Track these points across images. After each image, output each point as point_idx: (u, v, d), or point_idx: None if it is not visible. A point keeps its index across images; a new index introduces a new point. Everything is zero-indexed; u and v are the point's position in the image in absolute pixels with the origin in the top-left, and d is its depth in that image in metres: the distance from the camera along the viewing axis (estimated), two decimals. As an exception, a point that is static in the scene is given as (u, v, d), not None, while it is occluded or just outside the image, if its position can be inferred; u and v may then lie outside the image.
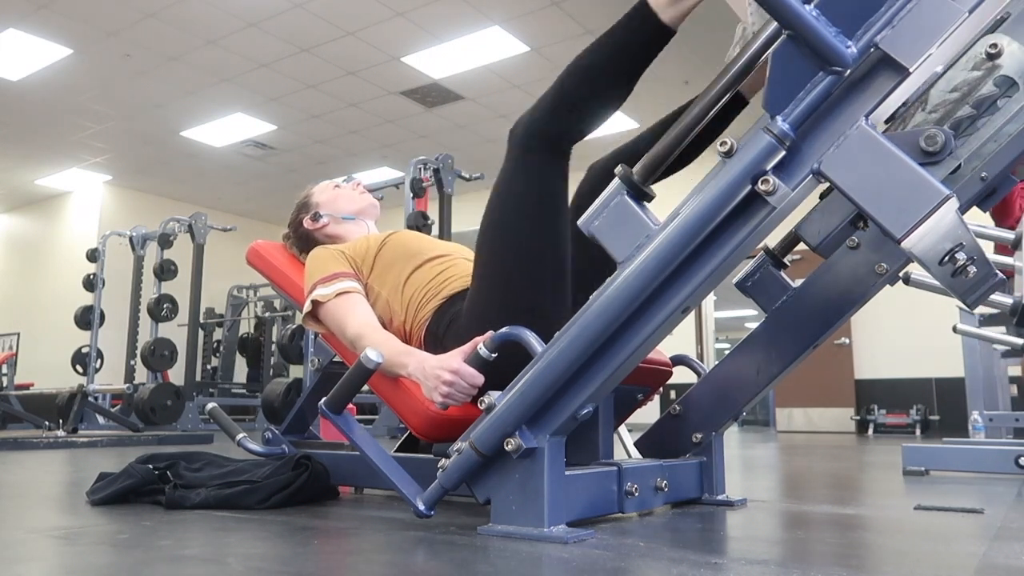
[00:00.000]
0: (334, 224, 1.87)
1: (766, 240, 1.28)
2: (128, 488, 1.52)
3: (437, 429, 1.47)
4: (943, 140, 1.05)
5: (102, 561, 0.99)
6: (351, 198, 1.91)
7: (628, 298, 1.08)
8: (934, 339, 5.93)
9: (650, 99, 7.06)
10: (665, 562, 0.98)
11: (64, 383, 6.72)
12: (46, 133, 8.05)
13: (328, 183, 1.96)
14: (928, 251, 0.91)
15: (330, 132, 8.02)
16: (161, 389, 6.14)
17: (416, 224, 5.21)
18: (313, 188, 1.95)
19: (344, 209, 1.89)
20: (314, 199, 1.90)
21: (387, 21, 5.79)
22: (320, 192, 1.92)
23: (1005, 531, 1.26)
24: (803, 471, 2.74)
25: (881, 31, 0.92)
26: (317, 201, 1.89)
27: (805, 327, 1.52)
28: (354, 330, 1.49)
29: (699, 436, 1.58)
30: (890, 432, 6.76)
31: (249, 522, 1.31)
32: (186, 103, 7.29)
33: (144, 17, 5.72)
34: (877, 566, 0.99)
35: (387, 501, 1.65)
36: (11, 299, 10.64)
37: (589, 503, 1.27)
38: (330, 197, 1.90)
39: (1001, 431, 3.80)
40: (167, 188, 9.88)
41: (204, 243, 6.99)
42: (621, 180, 1.10)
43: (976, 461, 2.34)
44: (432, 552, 1.07)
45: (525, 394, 1.14)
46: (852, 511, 1.53)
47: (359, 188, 1.96)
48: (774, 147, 0.97)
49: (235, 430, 1.72)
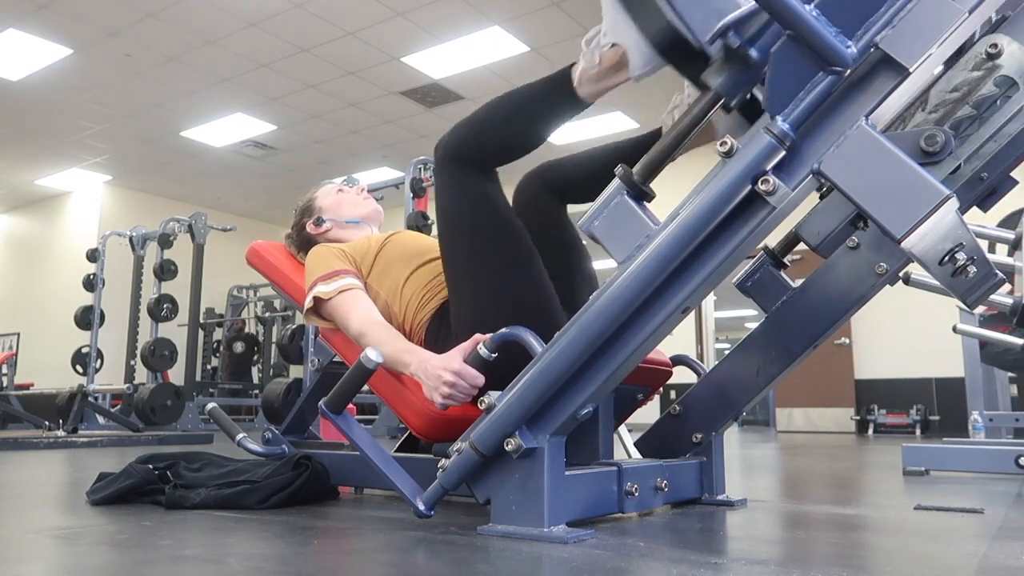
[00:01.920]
0: (337, 229, 1.86)
1: (766, 240, 1.28)
2: (128, 488, 1.52)
3: (437, 429, 1.47)
4: (943, 140, 1.05)
5: (102, 561, 0.99)
6: (355, 203, 1.90)
7: (628, 298, 1.08)
8: (934, 339, 5.93)
9: (650, 99, 7.07)
10: (665, 562, 0.98)
11: (64, 383, 6.72)
12: (46, 133, 8.05)
13: (332, 187, 1.95)
14: (928, 251, 0.91)
15: (330, 132, 8.02)
16: (161, 389, 6.14)
17: (416, 224, 5.21)
18: (316, 192, 1.94)
19: (347, 214, 1.88)
20: (317, 203, 1.89)
21: (387, 21, 5.79)
22: (324, 196, 1.91)
23: (1005, 531, 1.26)
24: (803, 471, 2.74)
25: (881, 31, 0.92)
26: (320, 206, 1.88)
27: (805, 327, 1.52)
28: (357, 327, 1.50)
29: (699, 436, 1.58)
30: (890, 432, 6.76)
31: (249, 522, 1.31)
32: (186, 103, 7.29)
33: (144, 17, 5.72)
34: (877, 566, 0.99)
35: (387, 501, 1.65)
36: (11, 299, 10.64)
37: (589, 503, 1.27)
38: (334, 202, 1.89)
39: (1001, 431, 3.80)
40: (167, 188, 9.88)
41: (204, 243, 6.99)
42: (621, 180, 1.10)
43: (976, 461, 2.34)
44: (432, 552, 1.07)
45: (525, 394, 1.14)
46: (852, 511, 1.53)
47: (363, 193, 1.95)
48: (774, 147, 0.97)
49: (235, 430, 1.72)
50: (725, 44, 0.96)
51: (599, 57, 1.28)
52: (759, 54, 0.96)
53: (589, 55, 1.30)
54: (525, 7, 5.59)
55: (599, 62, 1.29)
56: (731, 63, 0.99)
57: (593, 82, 1.33)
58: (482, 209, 1.44)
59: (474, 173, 1.44)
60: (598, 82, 1.32)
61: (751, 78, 0.99)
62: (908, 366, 7.00)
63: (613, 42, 1.22)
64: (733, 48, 0.95)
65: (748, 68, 0.98)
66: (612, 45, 1.24)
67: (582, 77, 1.33)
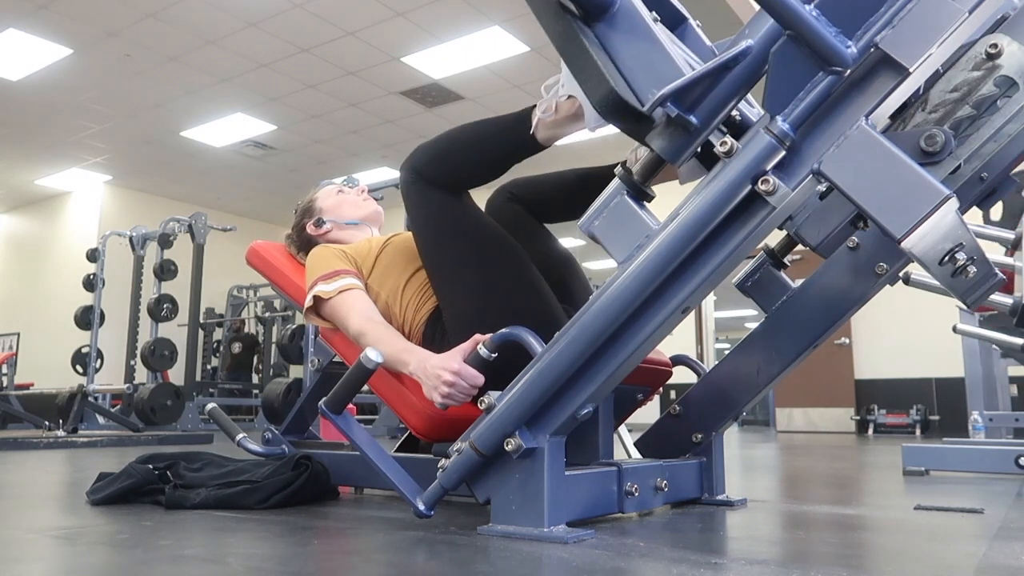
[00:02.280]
0: (337, 230, 1.86)
1: (766, 240, 1.28)
2: (128, 488, 1.52)
3: (437, 429, 1.47)
4: (943, 140, 1.05)
5: (102, 561, 0.99)
6: (355, 204, 1.89)
7: (628, 298, 1.08)
8: (934, 339, 5.94)
9: (650, 99, 7.05)
10: (665, 562, 0.98)
11: (64, 383, 6.72)
12: (46, 133, 8.05)
13: (332, 188, 1.94)
14: (928, 251, 0.91)
15: (330, 132, 8.02)
16: (161, 389, 6.14)
17: (416, 224, 5.21)
18: (317, 192, 1.93)
19: (348, 215, 1.87)
20: (318, 204, 1.89)
21: (387, 21, 5.79)
22: (324, 197, 1.90)
23: (1005, 531, 1.26)
24: (803, 471, 2.74)
25: (881, 31, 0.92)
26: (321, 207, 1.88)
27: (805, 327, 1.52)
28: (357, 326, 1.50)
29: (699, 436, 1.58)
30: (890, 432, 6.76)
31: (249, 522, 1.31)
32: (186, 103, 7.30)
33: (144, 17, 5.72)
34: (877, 566, 0.99)
35: (387, 501, 1.65)
36: (11, 299, 10.64)
37: (589, 503, 1.27)
38: (334, 203, 1.88)
39: (1001, 431, 3.80)
40: (167, 188, 9.88)
41: (204, 243, 6.99)
42: (621, 180, 1.10)
43: (976, 461, 2.34)
44: (432, 552, 1.07)
45: (525, 394, 1.14)
46: (852, 511, 1.53)
47: (363, 194, 1.94)
48: (774, 147, 0.97)
49: (235, 430, 1.72)
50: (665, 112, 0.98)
51: (555, 106, 1.34)
52: (699, 120, 1.00)
53: (547, 102, 1.35)
54: (525, 7, 5.56)
55: (555, 111, 1.35)
56: (672, 128, 1.01)
57: (549, 128, 1.39)
58: (454, 216, 1.48)
59: (440, 192, 1.48)
60: (554, 129, 1.39)
61: (692, 141, 1.02)
62: (908, 366, 7.00)
63: (569, 94, 1.25)
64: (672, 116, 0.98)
65: (689, 133, 1.01)
66: (568, 96, 1.29)
67: (539, 123, 1.38)
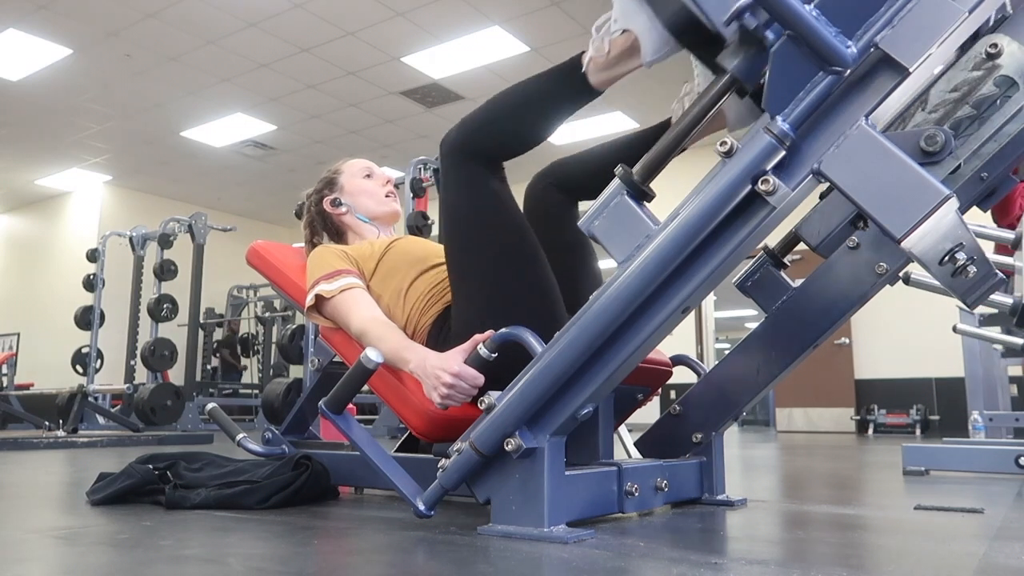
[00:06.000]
0: (350, 216, 1.85)
1: (766, 240, 1.28)
2: (128, 488, 1.52)
3: (437, 429, 1.47)
4: (943, 140, 1.05)
5: (102, 561, 0.99)
6: (376, 199, 1.86)
7: (628, 298, 1.08)
8: (934, 339, 5.93)
9: (650, 98, 7.07)
10: (665, 562, 0.98)
11: (64, 383, 6.72)
12: (46, 133, 8.05)
13: (360, 166, 1.90)
14: (928, 251, 0.91)
15: (330, 132, 8.02)
16: (161, 389, 6.14)
17: (416, 224, 5.21)
18: (344, 165, 1.90)
19: (364, 208, 1.85)
20: (341, 180, 1.86)
21: (387, 21, 5.79)
22: (349, 176, 1.87)
23: (1005, 531, 1.25)
24: (803, 471, 2.74)
25: (881, 31, 0.92)
26: (343, 184, 1.86)
27: (805, 327, 1.52)
28: (359, 325, 1.50)
29: (699, 436, 1.58)
30: (890, 432, 6.76)
31: (249, 522, 1.31)
32: (186, 103, 7.30)
33: (144, 17, 5.72)
34: (877, 566, 0.99)
35: (387, 501, 1.65)
36: (11, 299, 10.64)
37: (589, 503, 1.27)
38: (357, 188, 1.86)
39: (1001, 431, 3.80)
40: (167, 188, 9.87)
41: (204, 243, 6.99)
42: (621, 180, 1.09)
43: (976, 461, 2.34)
44: (432, 552, 1.07)
45: (525, 394, 1.14)
46: (852, 511, 1.53)
47: (388, 186, 1.90)
48: (774, 147, 0.97)
49: (235, 430, 1.72)
50: (741, 26, 0.94)
51: (608, 44, 1.26)
52: (775, 36, 0.95)
53: (599, 42, 1.27)
54: (525, 7, 5.59)
55: (609, 49, 1.27)
56: (747, 46, 0.97)
57: (604, 70, 1.30)
58: (489, 206, 1.42)
59: (482, 169, 1.42)
60: (609, 69, 1.30)
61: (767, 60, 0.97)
62: (908, 366, 7.00)
63: (624, 28, 1.20)
64: (749, 30, 0.94)
65: (764, 50, 0.96)
66: (623, 31, 1.22)
67: (592, 64, 1.30)
